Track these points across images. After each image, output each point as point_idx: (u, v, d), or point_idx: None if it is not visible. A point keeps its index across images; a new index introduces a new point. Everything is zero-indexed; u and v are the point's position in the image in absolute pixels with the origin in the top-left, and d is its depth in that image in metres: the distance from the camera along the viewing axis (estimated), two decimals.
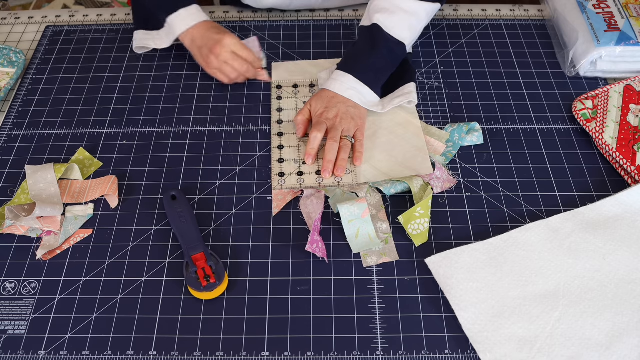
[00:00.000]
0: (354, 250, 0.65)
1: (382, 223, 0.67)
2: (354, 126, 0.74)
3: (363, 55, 0.77)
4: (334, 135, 0.72)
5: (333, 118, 0.74)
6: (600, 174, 0.72)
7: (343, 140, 0.73)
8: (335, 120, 0.74)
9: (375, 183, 0.69)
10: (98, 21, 0.94)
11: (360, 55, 0.77)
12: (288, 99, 0.81)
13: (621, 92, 0.78)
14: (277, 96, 0.82)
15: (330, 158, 0.71)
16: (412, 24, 0.78)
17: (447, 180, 0.71)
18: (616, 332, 0.58)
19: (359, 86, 0.76)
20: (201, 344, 0.59)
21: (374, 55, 0.76)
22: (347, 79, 0.76)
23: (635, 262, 0.62)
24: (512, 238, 0.65)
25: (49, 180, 0.70)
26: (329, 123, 0.74)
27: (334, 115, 0.74)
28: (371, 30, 0.77)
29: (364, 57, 0.77)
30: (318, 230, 0.65)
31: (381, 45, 0.77)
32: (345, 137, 0.73)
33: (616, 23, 0.81)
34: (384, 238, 0.66)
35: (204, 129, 0.78)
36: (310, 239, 0.63)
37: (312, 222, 0.66)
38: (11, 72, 0.84)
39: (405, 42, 0.77)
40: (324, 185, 0.70)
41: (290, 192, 0.70)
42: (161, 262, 0.65)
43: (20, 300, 0.62)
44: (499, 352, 0.57)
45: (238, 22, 0.93)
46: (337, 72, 0.77)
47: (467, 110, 0.80)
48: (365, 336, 0.59)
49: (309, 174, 0.72)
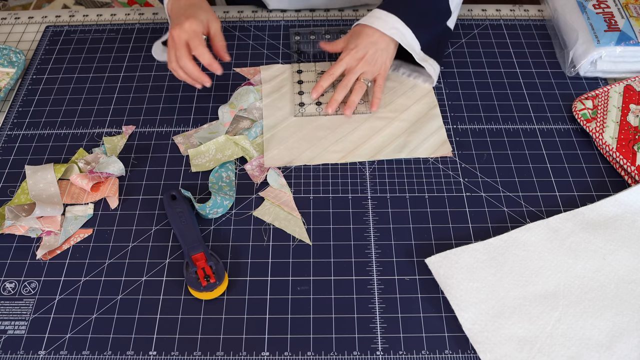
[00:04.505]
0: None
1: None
2: (376, 71, 0.77)
3: (407, 0, 0.78)
4: (349, 79, 0.76)
5: (357, 60, 0.76)
6: (600, 174, 0.72)
7: (359, 82, 0.76)
8: (358, 64, 0.76)
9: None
10: (98, 21, 0.94)
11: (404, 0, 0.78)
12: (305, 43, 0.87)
13: (621, 92, 0.78)
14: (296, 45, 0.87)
15: (337, 98, 0.76)
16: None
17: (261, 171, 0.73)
18: (616, 332, 0.58)
19: (402, 27, 0.76)
20: (201, 344, 0.59)
21: (418, 0, 0.77)
22: (392, 18, 0.76)
23: (635, 262, 0.62)
24: (512, 238, 0.65)
25: (49, 180, 0.70)
26: (350, 64, 0.76)
27: (360, 57, 0.76)
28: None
29: (409, 2, 0.77)
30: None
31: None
32: (363, 80, 0.76)
33: (616, 23, 0.81)
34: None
35: None
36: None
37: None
38: (11, 72, 0.84)
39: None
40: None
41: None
42: (161, 262, 0.65)
43: (20, 300, 0.62)
44: (499, 352, 0.57)
45: (238, 22, 0.93)
46: (379, 11, 0.78)
47: (467, 110, 0.80)
48: (365, 336, 0.59)
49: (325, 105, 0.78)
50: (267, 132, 0.76)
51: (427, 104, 0.80)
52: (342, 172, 0.73)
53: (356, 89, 0.76)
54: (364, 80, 0.76)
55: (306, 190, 0.71)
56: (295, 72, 0.83)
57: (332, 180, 0.72)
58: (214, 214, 0.68)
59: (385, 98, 0.80)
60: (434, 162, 0.74)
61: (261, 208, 0.69)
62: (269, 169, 0.72)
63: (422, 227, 0.67)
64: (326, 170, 0.73)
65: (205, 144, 0.73)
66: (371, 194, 0.70)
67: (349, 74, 0.76)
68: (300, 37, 0.87)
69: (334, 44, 0.81)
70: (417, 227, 0.67)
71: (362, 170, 0.73)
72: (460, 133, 0.77)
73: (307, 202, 0.70)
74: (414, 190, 0.71)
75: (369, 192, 0.71)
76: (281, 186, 0.70)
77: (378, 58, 0.77)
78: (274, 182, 0.71)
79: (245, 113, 0.79)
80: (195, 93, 0.82)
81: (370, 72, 0.77)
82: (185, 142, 0.76)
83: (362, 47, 0.76)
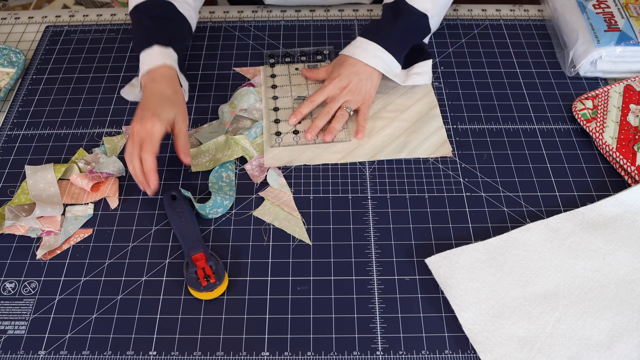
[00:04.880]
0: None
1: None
2: (359, 100, 0.76)
3: (387, 25, 0.78)
4: (331, 107, 0.75)
5: (341, 88, 0.76)
6: (600, 174, 0.72)
7: (341, 109, 0.75)
8: (341, 92, 0.75)
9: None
10: (98, 21, 0.94)
11: (384, 25, 0.78)
12: (281, 71, 0.84)
13: (621, 92, 0.78)
14: (271, 63, 0.84)
15: (318, 124, 0.75)
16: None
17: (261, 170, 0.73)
18: (616, 332, 0.58)
19: (383, 54, 0.76)
20: (201, 344, 0.59)
21: (398, 25, 0.77)
22: (372, 47, 0.76)
23: (635, 262, 0.62)
24: (512, 238, 0.65)
25: (49, 180, 0.70)
26: (333, 93, 0.76)
27: (343, 85, 0.76)
28: (396, 4, 0.79)
29: (388, 27, 0.78)
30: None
31: (405, 16, 0.78)
32: (345, 108, 0.75)
33: (616, 23, 0.81)
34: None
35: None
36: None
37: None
38: (11, 72, 0.84)
39: (428, 14, 0.78)
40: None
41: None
42: (161, 262, 0.65)
43: (20, 300, 0.62)
44: (499, 352, 0.57)
45: (238, 22, 0.93)
46: (360, 39, 0.78)
47: (467, 110, 0.80)
48: (365, 336, 0.59)
49: (304, 132, 0.75)
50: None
51: (427, 103, 0.80)
52: (342, 172, 0.73)
53: (338, 116, 0.75)
54: (346, 108, 0.75)
55: (306, 190, 0.71)
56: (270, 99, 0.80)
57: (332, 180, 0.72)
58: (214, 213, 0.68)
59: (385, 98, 0.80)
60: (434, 162, 0.74)
61: (261, 208, 0.69)
62: (269, 169, 0.72)
63: (422, 227, 0.67)
64: (326, 170, 0.73)
65: (206, 144, 0.73)
66: (371, 194, 0.70)
67: (331, 102, 0.75)
68: (275, 59, 0.85)
69: (316, 72, 0.81)
70: (417, 227, 0.67)
71: (362, 170, 0.73)
72: (460, 133, 0.77)
73: (307, 202, 0.70)
74: (414, 190, 0.71)
75: (369, 192, 0.71)
76: (281, 186, 0.71)
77: (362, 87, 0.76)
78: (274, 182, 0.71)
79: (245, 113, 0.79)
80: (195, 93, 0.82)
81: (354, 101, 0.76)
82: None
83: (345, 76, 0.76)
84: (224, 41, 0.89)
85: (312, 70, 0.81)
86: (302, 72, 0.83)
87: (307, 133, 0.74)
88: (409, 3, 0.78)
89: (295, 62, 0.85)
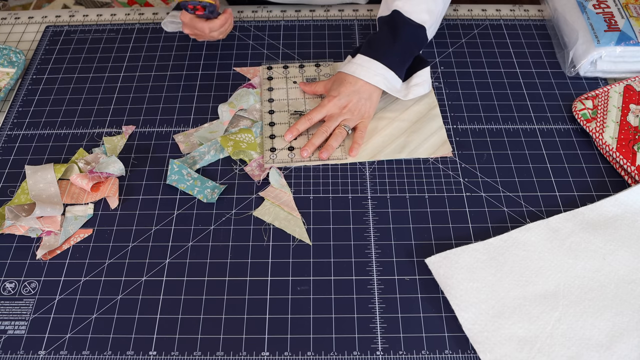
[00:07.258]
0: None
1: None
2: (358, 119, 0.75)
3: (387, 41, 0.77)
4: (329, 126, 0.74)
5: (340, 107, 0.75)
6: (600, 174, 0.72)
7: (340, 127, 0.74)
8: (340, 112, 0.75)
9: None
10: (98, 21, 0.94)
11: (384, 40, 0.77)
12: (279, 79, 0.83)
13: (621, 92, 0.78)
14: (268, 76, 0.83)
15: (315, 142, 0.73)
16: (430, 7, 0.78)
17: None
18: (616, 332, 0.58)
19: (385, 72, 0.76)
20: (201, 344, 0.59)
21: (397, 40, 0.76)
22: (374, 65, 0.75)
23: (635, 262, 0.62)
24: (512, 238, 0.65)
25: (49, 180, 0.70)
26: (331, 112, 0.75)
27: (343, 105, 0.75)
28: (392, 17, 0.78)
29: (388, 43, 0.77)
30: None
31: (403, 29, 0.77)
32: (343, 126, 0.74)
33: (616, 23, 0.81)
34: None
35: None
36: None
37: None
38: (11, 72, 0.84)
39: (425, 25, 0.78)
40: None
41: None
42: (161, 262, 0.65)
43: (20, 300, 0.62)
44: (499, 352, 0.57)
45: (238, 22, 0.93)
46: (361, 57, 0.76)
47: (467, 110, 0.80)
48: (365, 336, 0.59)
49: (299, 149, 0.74)
50: (267, 132, 0.76)
51: (427, 104, 0.80)
52: (342, 172, 0.73)
53: (336, 134, 0.74)
54: (345, 126, 0.74)
55: (306, 190, 0.71)
56: (267, 113, 0.78)
57: (332, 180, 0.72)
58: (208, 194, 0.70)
59: (385, 98, 0.80)
60: (434, 162, 0.74)
61: (261, 208, 0.69)
62: (271, 168, 0.72)
63: (422, 227, 0.67)
64: (326, 170, 0.73)
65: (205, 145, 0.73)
66: (371, 194, 0.70)
67: (329, 121, 0.74)
68: (271, 71, 0.84)
69: (314, 86, 0.80)
70: (417, 227, 0.67)
71: (362, 170, 0.73)
72: (460, 133, 0.77)
73: (307, 202, 0.70)
74: (414, 190, 0.71)
75: (369, 192, 0.71)
76: (281, 186, 0.70)
77: (362, 107, 0.75)
78: (275, 181, 0.71)
79: (245, 113, 0.79)
80: (195, 93, 0.82)
81: (353, 120, 0.75)
82: (186, 141, 0.76)
83: (344, 95, 0.75)
84: (224, 41, 0.89)
85: (310, 85, 0.80)
86: (300, 85, 0.82)
87: (303, 150, 0.73)
88: (405, 15, 0.77)
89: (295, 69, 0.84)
